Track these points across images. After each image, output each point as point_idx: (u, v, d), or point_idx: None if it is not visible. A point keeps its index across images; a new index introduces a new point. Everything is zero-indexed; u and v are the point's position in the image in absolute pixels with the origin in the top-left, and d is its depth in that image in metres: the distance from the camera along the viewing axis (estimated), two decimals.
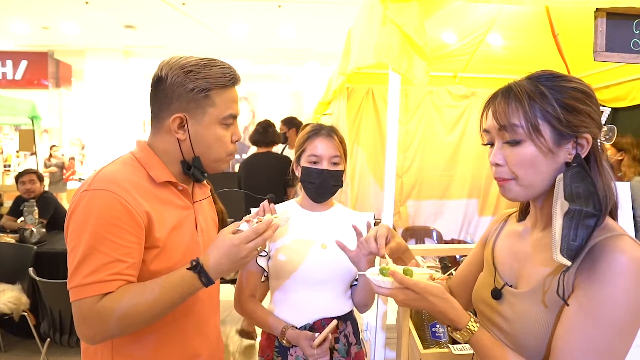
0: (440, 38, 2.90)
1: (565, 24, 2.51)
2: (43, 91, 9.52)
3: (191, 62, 1.03)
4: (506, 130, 0.82)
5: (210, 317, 1.16)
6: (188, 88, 1.01)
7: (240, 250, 0.96)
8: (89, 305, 0.90)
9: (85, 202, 0.94)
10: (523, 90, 0.81)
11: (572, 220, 0.74)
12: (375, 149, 3.48)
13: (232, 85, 1.06)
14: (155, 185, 1.03)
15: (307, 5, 6.42)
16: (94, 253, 0.91)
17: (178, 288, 0.94)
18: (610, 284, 0.72)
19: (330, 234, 1.45)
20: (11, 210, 4.09)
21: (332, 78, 2.96)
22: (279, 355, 1.39)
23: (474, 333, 0.82)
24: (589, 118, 0.79)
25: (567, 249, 0.74)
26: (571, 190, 0.76)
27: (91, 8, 6.59)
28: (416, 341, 1.41)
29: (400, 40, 1.37)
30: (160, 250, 0.99)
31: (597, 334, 0.72)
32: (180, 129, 1.03)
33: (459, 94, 3.59)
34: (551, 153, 0.80)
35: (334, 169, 1.41)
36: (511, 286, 0.89)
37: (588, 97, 0.80)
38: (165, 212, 1.02)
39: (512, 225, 0.99)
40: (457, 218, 3.79)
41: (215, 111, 1.04)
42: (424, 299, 0.82)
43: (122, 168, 1.02)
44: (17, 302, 2.98)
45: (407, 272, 0.84)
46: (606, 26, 1.37)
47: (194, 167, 1.07)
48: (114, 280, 0.92)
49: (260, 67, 9.73)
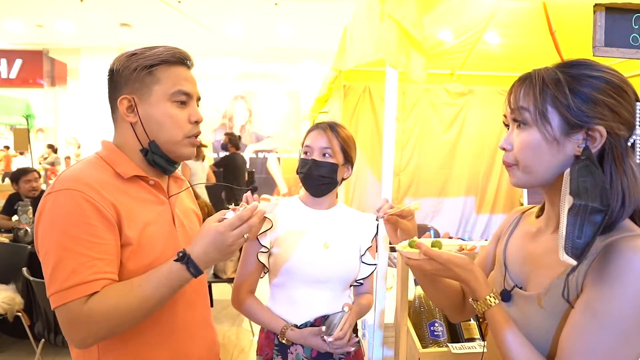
0: (437, 35, 2.89)
1: (563, 21, 2.51)
2: (38, 90, 9.47)
3: (138, 50, 1.02)
4: (515, 113, 0.81)
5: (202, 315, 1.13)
6: (131, 68, 0.99)
7: (226, 238, 0.94)
8: (75, 308, 0.87)
9: (50, 205, 0.91)
10: (540, 76, 0.79)
11: (576, 216, 0.70)
12: (372, 147, 3.47)
13: (179, 63, 1.04)
14: (123, 182, 1.00)
15: (304, 4, 6.40)
16: (68, 254, 0.88)
17: (167, 281, 0.92)
18: (621, 284, 0.69)
19: (333, 233, 1.44)
20: (4, 209, 4.05)
21: (328, 75, 2.95)
22: (279, 354, 1.38)
23: (491, 307, 0.82)
24: (608, 110, 0.74)
25: (572, 248, 0.70)
26: (577, 184, 0.72)
27: (86, 6, 6.54)
28: (414, 340, 1.39)
29: (398, 36, 1.36)
30: (135, 248, 0.96)
31: (603, 335, 0.69)
32: (129, 111, 1.01)
33: (456, 92, 3.58)
34: (556, 142, 0.77)
35: (321, 160, 1.40)
36: (521, 288, 0.87)
37: (614, 88, 0.75)
38: (135, 208, 0.99)
39: (526, 225, 0.95)
40: (454, 216, 3.79)
41: (160, 88, 1.01)
42: (448, 269, 0.84)
43: (85, 167, 0.99)
44: (11, 303, 2.96)
45: (436, 244, 0.88)
46: (605, 21, 1.36)
47: (152, 152, 1.03)
48: (97, 280, 0.89)
49: (257, 65, 9.70)
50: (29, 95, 6.69)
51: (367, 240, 1.48)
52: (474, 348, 1.34)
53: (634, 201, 0.74)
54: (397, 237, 1.12)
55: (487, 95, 3.59)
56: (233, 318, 3.82)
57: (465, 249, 0.87)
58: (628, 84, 0.77)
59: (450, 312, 1.10)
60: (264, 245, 1.40)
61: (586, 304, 0.72)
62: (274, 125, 9.67)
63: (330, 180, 1.42)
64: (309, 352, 1.36)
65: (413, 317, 1.52)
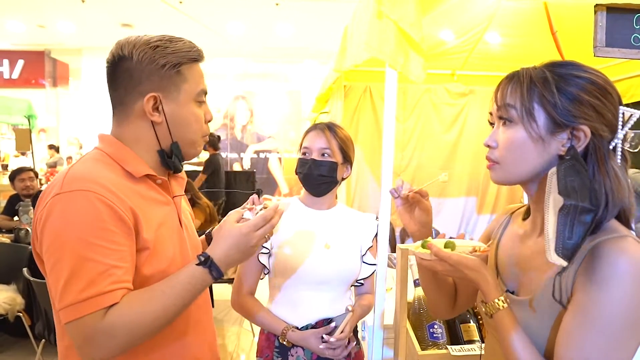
0: (438, 35, 2.89)
1: (564, 21, 2.50)
2: (40, 90, 9.49)
3: (154, 38, 0.95)
4: (502, 110, 0.81)
5: (207, 319, 1.11)
6: (159, 64, 0.92)
7: (250, 239, 0.92)
8: (93, 322, 0.80)
9: (62, 207, 0.82)
10: (528, 74, 0.80)
11: (567, 216, 0.69)
12: (373, 147, 3.46)
13: (200, 59, 1.00)
14: (133, 181, 0.93)
15: (305, 4, 6.40)
16: (86, 263, 0.80)
17: (189, 286, 0.88)
18: (609, 287, 0.68)
19: (334, 233, 1.44)
20: (6, 210, 4.07)
21: (329, 75, 2.95)
22: (279, 356, 1.38)
23: (499, 310, 0.81)
24: (593, 111, 0.75)
25: (563, 248, 0.69)
26: (565, 184, 0.71)
27: (88, 7, 6.55)
28: (414, 342, 1.39)
29: (396, 36, 1.35)
30: (151, 251, 0.91)
31: (595, 339, 0.69)
32: (155, 110, 0.93)
33: (457, 92, 3.57)
34: (541, 141, 0.77)
35: (320, 159, 1.41)
36: (512, 292, 0.86)
37: (600, 90, 0.76)
38: (148, 209, 0.93)
39: (515, 226, 0.95)
40: (455, 216, 3.78)
41: (189, 87, 0.96)
42: (458, 271, 0.84)
43: (93, 165, 0.91)
44: (12, 303, 2.96)
45: (449, 245, 0.87)
46: (606, 21, 1.35)
47: (174, 155, 0.98)
48: (115, 289, 0.82)
49: (258, 65, 9.70)
50: (31, 96, 6.71)
51: (368, 240, 1.48)
52: (474, 350, 1.33)
53: (617, 202, 0.74)
54: (412, 220, 1.06)
55: (488, 96, 3.49)
56: (234, 318, 3.82)
57: (478, 251, 0.86)
58: (612, 86, 0.78)
59: (442, 308, 1.09)
60: (265, 246, 1.40)
61: (576, 309, 0.72)
62: (275, 125, 9.67)
63: (331, 179, 1.42)
64: (309, 354, 1.36)
65: (412, 318, 1.51)
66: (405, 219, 1.06)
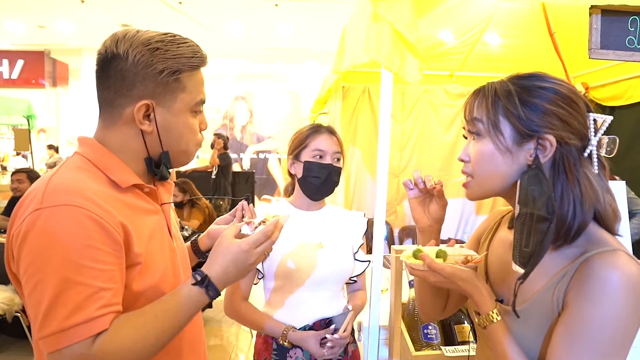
0: (436, 36, 2.89)
1: (562, 22, 2.51)
2: (40, 90, 9.48)
3: (154, 37, 0.85)
4: (470, 124, 0.83)
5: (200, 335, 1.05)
6: (157, 70, 0.83)
7: (250, 256, 0.86)
8: (80, 351, 0.72)
9: (43, 224, 0.73)
10: (492, 88, 0.82)
11: (523, 225, 0.71)
12: (371, 148, 3.47)
13: (202, 66, 0.91)
14: (119, 191, 0.84)
15: (305, 4, 6.40)
16: (71, 286, 0.72)
17: (185, 307, 0.81)
18: (601, 303, 0.68)
19: (326, 233, 1.44)
20: (6, 210, 4.09)
21: (328, 76, 2.95)
22: (278, 358, 1.38)
23: (493, 323, 0.81)
24: (558, 120, 0.75)
25: (520, 257, 0.70)
26: (526, 193, 0.73)
27: (87, 7, 6.56)
28: (408, 343, 1.39)
29: (392, 38, 1.36)
30: (142, 266, 0.83)
31: (583, 354, 0.69)
32: (145, 118, 0.85)
33: (455, 93, 3.58)
34: (509, 152, 0.78)
35: (337, 165, 1.42)
36: (502, 301, 0.86)
37: (564, 99, 0.76)
38: (138, 220, 0.85)
39: (504, 232, 0.94)
40: (453, 217, 3.78)
41: (186, 97, 0.88)
42: (452, 282, 0.83)
43: (76, 174, 0.81)
44: (10, 303, 2.97)
45: (440, 254, 0.85)
46: (601, 23, 1.35)
47: (163, 164, 0.91)
48: (104, 314, 0.74)
49: (258, 66, 9.70)
50: (30, 96, 6.71)
51: (359, 238, 1.50)
52: (467, 351, 1.33)
53: (588, 208, 0.74)
54: (425, 215, 1.00)
55: None
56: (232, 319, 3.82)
57: (471, 261, 0.84)
58: (578, 95, 0.79)
59: (434, 311, 1.08)
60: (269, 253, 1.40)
61: (568, 323, 0.72)
62: (275, 126, 9.67)
63: (338, 184, 1.43)
64: (308, 355, 1.36)
65: (407, 319, 1.51)
66: (418, 213, 1.00)
